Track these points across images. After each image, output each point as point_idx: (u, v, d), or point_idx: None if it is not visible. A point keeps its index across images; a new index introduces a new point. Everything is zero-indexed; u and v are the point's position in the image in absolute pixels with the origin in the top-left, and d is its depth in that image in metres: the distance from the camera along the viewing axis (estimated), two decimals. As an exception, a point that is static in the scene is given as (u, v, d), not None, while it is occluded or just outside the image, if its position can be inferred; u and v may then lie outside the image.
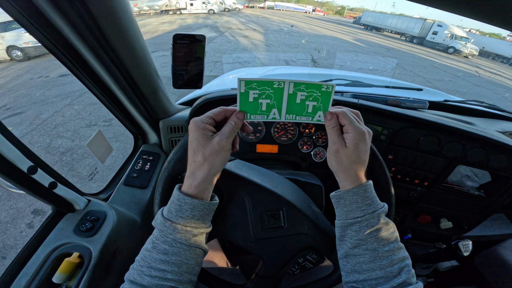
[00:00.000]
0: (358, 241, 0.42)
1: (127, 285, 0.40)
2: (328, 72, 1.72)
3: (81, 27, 0.48)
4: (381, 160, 0.54)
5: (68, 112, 3.92)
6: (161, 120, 0.83)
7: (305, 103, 0.41)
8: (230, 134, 0.40)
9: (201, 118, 0.41)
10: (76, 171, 2.76)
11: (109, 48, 0.54)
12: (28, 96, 4.40)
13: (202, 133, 0.40)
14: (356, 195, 0.43)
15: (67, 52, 0.55)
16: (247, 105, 0.40)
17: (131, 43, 0.57)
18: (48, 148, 3.09)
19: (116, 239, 0.62)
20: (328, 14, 46.42)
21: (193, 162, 0.41)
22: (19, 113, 3.87)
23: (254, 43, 9.37)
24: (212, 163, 0.40)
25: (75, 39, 0.51)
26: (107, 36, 0.51)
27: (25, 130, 3.40)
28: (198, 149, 0.40)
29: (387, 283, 0.40)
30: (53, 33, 0.50)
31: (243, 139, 0.87)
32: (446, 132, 0.87)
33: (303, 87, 0.39)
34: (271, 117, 0.41)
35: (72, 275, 0.57)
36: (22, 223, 2.17)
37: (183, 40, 0.56)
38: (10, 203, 2.34)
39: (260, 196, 0.52)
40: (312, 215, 0.55)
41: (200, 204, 0.41)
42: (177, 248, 0.41)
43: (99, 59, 0.57)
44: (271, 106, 0.41)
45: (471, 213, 1.09)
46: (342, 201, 0.44)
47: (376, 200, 0.44)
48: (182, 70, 0.60)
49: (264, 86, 0.39)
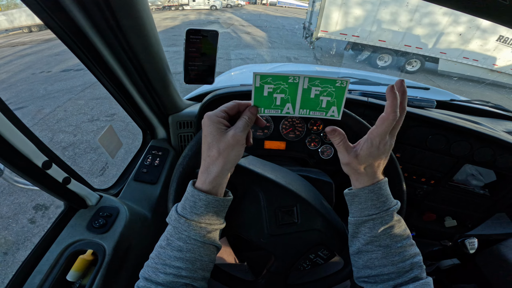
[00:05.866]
0: (372, 238, 0.43)
1: (142, 282, 0.40)
2: (335, 70, 1.71)
3: (97, 16, 0.47)
4: (394, 158, 0.54)
5: (70, 107, 3.92)
6: (170, 116, 0.83)
7: (319, 98, 0.41)
8: (244, 128, 0.40)
9: (215, 112, 0.41)
10: (78, 165, 2.77)
11: (125, 41, 0.53)
12: (30, 91, 4.40)
13: (217, 127, 0.39)
14: (372, 193, 0.43)
15: (80, 42, 0.53)
16: (261, 100, 0.40)
17: (147, 37, 0.56)
18: (50, 143, 3.09)
19: (128, 236, 0.61)
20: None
21: (208, 156, 0.40)
22: (21, 107, 3.87)
23: (256, 40, 9.32)
24: (227, 157, 0.40)
25: (89, 29, 0.50)
26: (123, 29, 0.50)
27: (27, 124, 3.36)
28: (213, 144, 0.39)
29: (399, 278, 0.40)
30: (68, 23, 0.49)
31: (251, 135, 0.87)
32: (454, 131, 0.87)
33: (317, 82, 0.40)
34: (285, 112, 0.41)
35: (86, 273, 0.56)
36: (24, 218, 2.18)
37: (196, 35, 0.55)
38: (12, 198, 2.34)
39: (275, 192, 0.53)
40: (325, 212, 0.56)
41: (214, 201, 0.41)
42: (191, 245, 0.41)
43: (113, 51, 0.56)
44: (286, 100, 0.41)
45: (475, 212, 1.10)
46: (356, 199, 0.45)
47: (390, 198, 0.44)
48: (194, 65, 0.60)
49: (279, 81, 0.39)
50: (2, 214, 2.21)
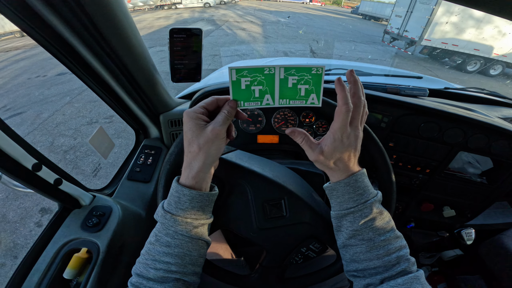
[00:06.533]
0: (354, 232, 0.43)
1: (134, 278, 0.41)
2: (326, 62, 1.70)
3: (76, 24, 0.48)
4: (381, 147, 0.54)
5: (69, 110, 3.92)
6: (161, 114, 0.83)
7: (297, 87, 0.41)
8: (223, 122, 0.40)
9: (193, 108, 0.41)
10: (80, 168, 2.78)
11: (106, 44, 0.53)
12: (27, 96, 4.39)
13: (195, 123, 0.40)
14: (348, 186, 0.43)
15: (64, 50, 0.55)
16: (239, 93, 0.41)
17: (127, 38, 0.57)
18: (51, 147, 3.11)
19: (122, 234, 0.63)
20: (326, 4, 45.42)
21: (189, 152, 0.41)
22: (20, 113, 3.87)
23: (252, 35, 9.25)
24: (207, 152, 0.40)
25: (70, 37, 0.51)
26: (102, 32, 0.51)
27: (27, 130, 3.41)
28: (193, 139, 0.40)
29: (386, 272, 0.40)
30: (49, 32, 0.50)
31: (244, 130, 0.87)
32: (446, 118, 0.87)
33: (293, 71, 0.40)
34: (264, 103, 0.42)
35: (82, 270, 0.58)
36: (30, 222, 2.21)
37: (179, 34, 0.55)
38: (17, 202, 2.36)
39: (262, 186, 0.53)
40: (314, 204, 0.56)
41: (198, 195, 0.42)
42: (179, 240, 0.41)
43: (96, 55, 0.57)
44: (264, 92, 0.41)
45: (473, 201, 1.09)
46: (334, 193, 0.45)
47: (368, 189, 0.43)
48: (180, 64, 0.60)
49: (255, 73, 0.39)
50: (9, 219, 2.23)
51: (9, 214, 2.26)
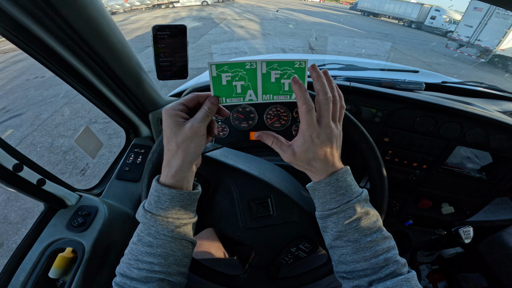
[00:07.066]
0: (339, 233, 0.41)
1: (118, 278, 0.40)
2: (321, 57, 1.68)
3: (52, 27, 0.47)
4: (371, 143, 0.52)
5: (68, 111, 3.93)
6: (150, 113, 0.82)
7: (280, 82, 0.40)
8: (203, 119, 0.39)
9: (171, 105, 0.40)
10: (79, 169, 2.78)
11: (85, 44, 0.53)
12: (26, 97, 4.40)
13: (174, 120, 0.38)
14: (328, 186, 0.41)
15: (45, 53, 0.54)
16: (221, 89, 0.40)
17: (107, 37, 0.56)
18: (51, 147, 3.11)
19: (109, 233, 0.62)
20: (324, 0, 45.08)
21: (168, 151, 0.40)
22: (19, 114, 3.88)
23: (250, 33, 9.20)
24: (186, 150, 0.39)
25: (50, 40, 0.51)
26: (80, 33, 0.50)
27: (27, 131, 3.42)
28: (171, 137, 0.39)
29: (375, 274, 0.38)
30: (28, 37, 0.50)
31: (236, 127, 0.86)
32: (441, 112, 0.84)
33: (275, 65, 0.39)
34: (247, 99, 0.41)
35: (68, 269, 0.58)
36: (32, 223, 2.21)
37: (163, 31, 0.54)
38: (19, 203, 2.37)
39: (247, 184, 0.51)
40: (303, 203, 0.54)
41: (178, 194, 0.40)
42: (161, 240, 0.40)
43: (76, 56, 0.56)
44: (246, 87, 0.40)
45: (472, 197, 1.05)
46: (316, 193, 0.43)
47: (351, 189, 0.41)
48: (165, 62, 0.59)
49: (236, 68, 0.38)
50: (11, 219, 2.24)
51: (10, 215, 2.27)
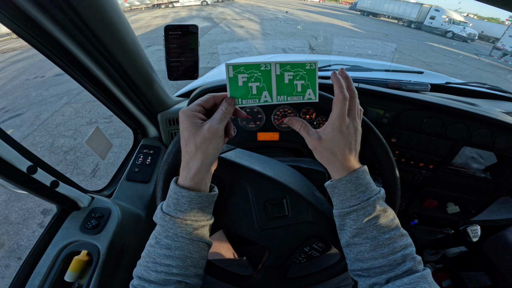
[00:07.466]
0: (357, 230, 0.42)
1: (136, 281, 0.40)
2: (326, 58, 1.68)
3: (66, 24, 0.47)
4: (384, 143, 0.52)
5: (68, 111, 3.91)
6: (159, 113, 0.82)
7: (293, 83, 0.41)
8: (221, 120, 0.39)
9: (189, 107, 0.40)
10: (81, 169, 2.77)
11: (98, 43, 0.52)
12: (25, 97, 4.37)
13: (191, 121, 0.38)
14: (349, 183, 0.42)
15: (56, 50, 0.53)
16: (237, 90, 0.40)
17: (120, 36, 0.56)
18: (51, 148, 3.09)
19: (122, 235, 0.62)
20: (324, 0, 45.13)
21: (186, 152, 0.40)
22: (19, 114, 3.86)
23: (250, 33, 9.19)
24: (205, 152, 0.39)
25: (61, 36, 0.50)
26: (94, 31, 0.49)
27: (27, 131, 3.40)
28: (189, 139, 0.39)
29: (392, 271, 0.39)
30: (39, 33, 0.49)
31: (244, 128, 0.86)
32: (449, 113, 0.85)
33: (288, 67, 0.40)
34: (263, 100, 0.41)
35: (83, 273, 0.58)
36: (33, 223, 2.20)
37: (175, 31, 0.54)
38: (20, 204, 2.36)
39: (263, 185, 0.52)
40: (317, 203, 0.54)
41: (197, 197, 0.40)
42: (179, 243, 0.40)
43: (89, 54, 0.56)
44: (261, 89, 0.40)
45: (477, 197, 1.07)
46: (336, 190, 0.44)
47: (370, 186, 0.42)
48: (176, 62, 0.59)
49: (252, 69, 0.39)
50: (12, 220, 2.23)
51: (11, 216, 2.26)
